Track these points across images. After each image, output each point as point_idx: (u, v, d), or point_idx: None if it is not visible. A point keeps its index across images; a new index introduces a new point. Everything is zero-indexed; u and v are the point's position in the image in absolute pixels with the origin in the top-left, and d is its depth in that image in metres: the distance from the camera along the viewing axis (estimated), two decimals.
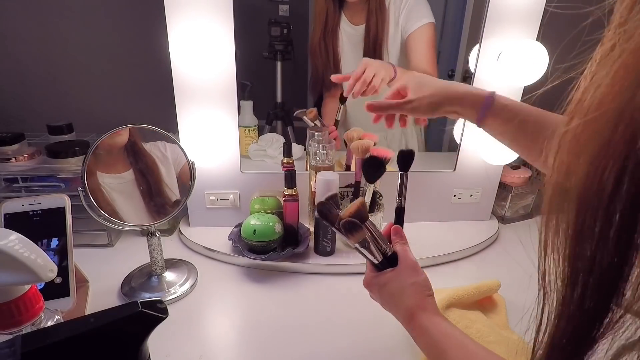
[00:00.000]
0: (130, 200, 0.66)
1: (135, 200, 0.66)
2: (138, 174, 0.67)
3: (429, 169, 0.91)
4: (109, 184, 0.64)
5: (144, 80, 0.97)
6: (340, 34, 0.98)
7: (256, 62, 1.02)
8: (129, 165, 0.66)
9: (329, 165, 0.78)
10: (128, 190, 0.66)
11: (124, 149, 0.66)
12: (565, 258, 0.22)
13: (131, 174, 0.66)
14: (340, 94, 0.92)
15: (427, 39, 0.93)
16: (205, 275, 0.72)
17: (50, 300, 0.55)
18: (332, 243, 0.77)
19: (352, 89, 0.77)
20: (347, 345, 0.58)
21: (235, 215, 0.85)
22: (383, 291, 0.50)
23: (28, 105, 0.97)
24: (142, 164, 0.67)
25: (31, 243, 0.35)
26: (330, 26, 0.97)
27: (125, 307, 0.32)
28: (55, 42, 0.93)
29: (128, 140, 0.66)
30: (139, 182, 0.67)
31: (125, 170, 0.66)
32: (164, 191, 0.69)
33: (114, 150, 0.65)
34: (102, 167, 0.63)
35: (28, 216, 0.58)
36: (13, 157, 0.77)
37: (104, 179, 0.63)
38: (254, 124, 0.98)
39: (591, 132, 0.20)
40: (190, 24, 0.69)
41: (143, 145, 0.67)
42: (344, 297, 0.68)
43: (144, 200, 0.67)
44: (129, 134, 0.65)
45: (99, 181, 0.62)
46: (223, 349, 0.57)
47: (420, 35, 0.93)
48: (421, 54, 0.94)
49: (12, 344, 0.28)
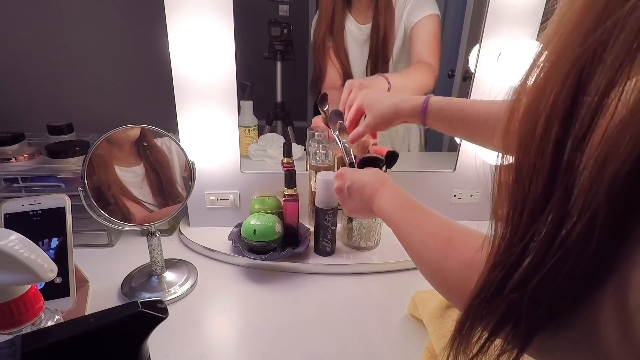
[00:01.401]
0: (141, 194, 0.67)
1: (145, 195, 0.67)
2: (149, 168, 0.67)
3: (429, 169, 0.91)
4: (121, 177, 0.64)
5: (144, 80, 0.97)
6: (345, 34, 0.98)
7: (256, 62, 1.02)
8: (140, 160, 0.67)
9: (329, 165, 0.78)
10: (139, 184, 0.67)
11: (134, 144, 0.66)
12: (508, 191, 0.26)
13: (142, 168, 0.67)
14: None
15: (431, 30, 0.92)
16: (205, 275, 0.72)
17: (50, 300, 0.55)
18: (332, 243, 0.77)
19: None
20: (347, 345, 0.58)
21: (235, 215, 0.85)
22: (351, 186, 0.56)
23: (28, 105, 0.97)
24: (153, 158, 0.67)
25: (31, 243, 0.35)
26: (338, 25, 0.97)
27: (125, 307, 0.32)
28: (55, 42, 0.93)
29: (139, 135, 0.66)
30: (149, 177, 0.67)
31: (136, 164, 0.67)
32: (174, 186, 0.69)
33: (125, 144, 0.65)
34: (115, 160, 0.63)
35: (28, 216, 0.57)
36: (13, 157, 0.77)
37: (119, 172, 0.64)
38: (254, 124, 0.98)
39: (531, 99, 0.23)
40: (190, 24, 0.69)
41: (154, 140, 0.67)
42: (344, 297, 0.68)
43: (153, 195, 0.67)
44: (139, 130, 0.65)
45: (116, 174, 0.63)
46: (223, 349, 0.57)
47: (423, 26, 0.92)
48: (423, 44, 0.93)
49: (12, 344, 0.28)
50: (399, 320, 0.63)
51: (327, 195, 0.72)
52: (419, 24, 0.92)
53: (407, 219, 0.46)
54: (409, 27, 0.94)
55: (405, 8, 0.93)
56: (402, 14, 0.94)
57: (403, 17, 0.94)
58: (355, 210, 0.59)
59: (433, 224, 0.42)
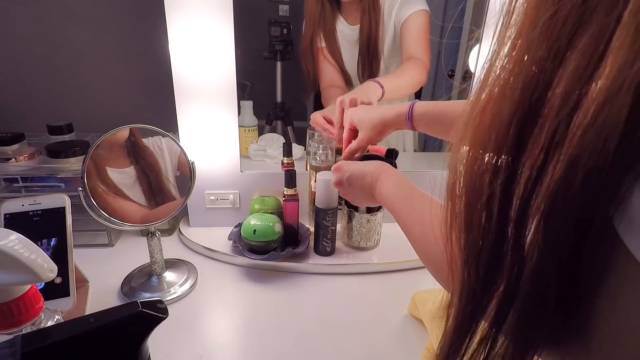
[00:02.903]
0: (133, 195, 0.66)
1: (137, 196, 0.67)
2: (139, 170, 0.67)
3: (429, 169, 0.91)
4: (115, 179, 0.64)
5: (144, 80, 0.97)
6: (337, 34, 0.98)
7: (256, 62, 1.02)
8: (131, 162, 0.67)
9: (329, 165, 0.78)
10: (131, 185, 0.66)
11: (124, 146, 0.66)
12: (460, 242, 0.25)
13: (133, 169, 0.67)
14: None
15: (420, 25, 0.92)
16: (205, 275, 0.72)
17: (50, 300, 0.55)
18: (332, 243, 0.77)
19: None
20: (347, 345, 0.58)
21: (235, 215, 0.85)
22: (351, 176, 0.58)
23: (28, 105, 0.97)
24: (143, 160, 0.67)
25: (31, 243, 0.35)
26: (329, 26, 0.97)
27: (125, 307, 0.32)
28: (55, 42, 0.93)
29: (128, 137, 0.66)
30: (140, 179, 0.67)
31: (128, 165, 0.67)
32: (166, 186, 0.69)
33: (114, 147, 0.65)
34: (106, 162, 0.63)
35: (28, 216, 0.57)
36: (13, 157, 0.77)
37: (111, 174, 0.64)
38: (254, 124, 0.98)
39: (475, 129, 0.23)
40: (190, 24, 0.69)
41: (142, 140, 0.67)
42: (344, 297, 0.68)
43: (146, 196, 0.67)
44: (128, 130, 0.65)
45: (109, 176, 0.63)
46: (223, 349, 0.57)
47: (413, 21, 0.92)
48: (414, 40, 0.93)
49: (12, 344, 0.28)
50: (399, 320, 0.63)
51: (327, 195, 0.72)
52: (409, 20, 0.92)
53: (408, 210, 0.46)
54: (398, 24, 0.94)
55: (394, 6, 0.93)
56: (391, 12, 0.94)
57: (392, 15, 0.94)
58: (357, 199, 0.61)
59: (433, 215, 0.42)
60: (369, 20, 0.93)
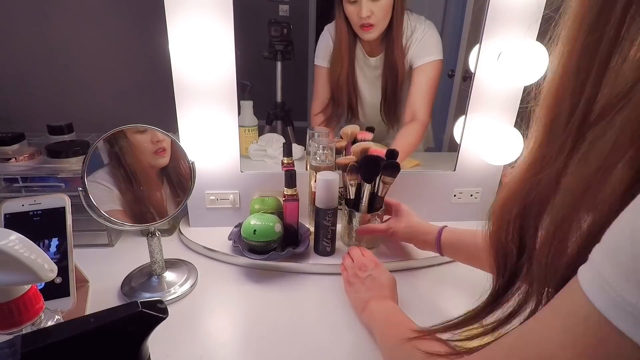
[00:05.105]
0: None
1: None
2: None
3: (429, 169, 0.91)
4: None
5: (144, 80, 0.97)
6: (356, 68, 0.98)
7: (256, 62, 1.02)
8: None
9: (329, 165, 0.78)
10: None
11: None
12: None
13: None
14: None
15: (431, 77, 0.94)
16: (205, 275, 0.72)
17: (50, 300, 0.55)
18: (332, 243, 0.77)
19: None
20: (347, 345, 0.58)
21: (235, 215, 0.85)
22: (372, 277, 0.63)
23: (28, 105, 0.97)
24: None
25: (31, 243, 0.35)
26: (348, 60, 0.97)
27: (125, 307, 0.32)
28: (55, 42, 0.93)
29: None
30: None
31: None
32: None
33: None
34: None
35: (28, 216, 0.57)
36: (13, 157, 0.77)
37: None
38: (254, 124, 0.98)
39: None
40: (190, 24, 0.69)
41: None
42: (344, 297, 0.68)
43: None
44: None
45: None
46: (223, 349, 0.57)
47: (425, 70, 0.94)
48: (420, 94, 0.95)
49: (12, 344, 0.27)
50: None
51: (327, 195, 0.72)
52: (421, 68, 0.94)
53: (386, 337, 0.53)
54: (412, 66, 0.95)
55: (412, 45, 0.93)
56: (407, 49, 0.94)
57: (409, 53, 0.94)
58: (356, 298, 0.63)
59: (406, 354, 0.46)
60: (394, 55, 0.94)
